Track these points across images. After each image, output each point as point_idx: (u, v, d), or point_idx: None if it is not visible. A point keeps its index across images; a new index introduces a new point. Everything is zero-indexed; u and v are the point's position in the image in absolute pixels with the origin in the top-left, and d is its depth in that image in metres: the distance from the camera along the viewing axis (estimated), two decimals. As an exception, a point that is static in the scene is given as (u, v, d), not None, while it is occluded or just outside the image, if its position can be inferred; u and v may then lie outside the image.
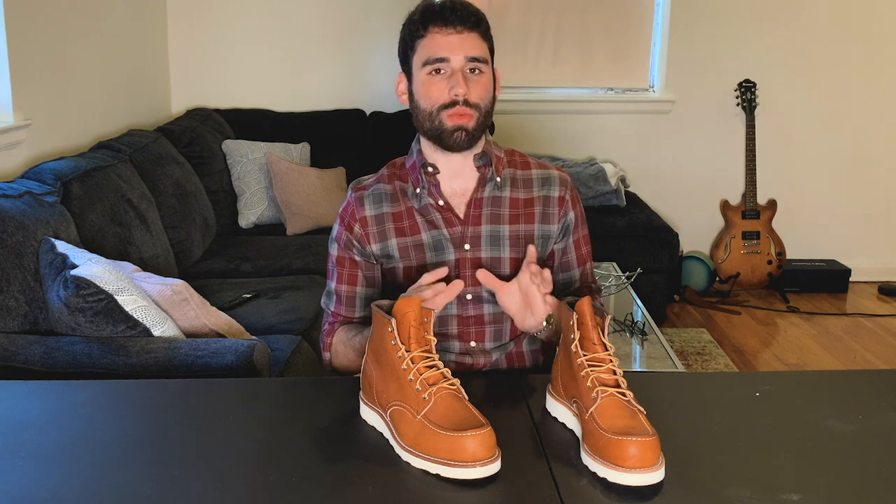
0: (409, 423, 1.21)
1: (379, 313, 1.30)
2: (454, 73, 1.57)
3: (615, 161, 4.57)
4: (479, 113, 1.59)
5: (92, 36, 3.46)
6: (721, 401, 1.42)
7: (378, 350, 1.30)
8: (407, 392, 1.23)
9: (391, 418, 1.26)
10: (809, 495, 1.12)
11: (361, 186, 1.71)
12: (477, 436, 1.15)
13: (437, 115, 1.59)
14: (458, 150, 1.62)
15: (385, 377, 1.28)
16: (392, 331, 1.26)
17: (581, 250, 1.75)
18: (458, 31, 1.56)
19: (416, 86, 1.62)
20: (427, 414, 1.20)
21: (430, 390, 1.22)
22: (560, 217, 1.70)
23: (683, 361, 3.57)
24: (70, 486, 1.14)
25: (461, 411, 1.21)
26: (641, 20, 4.56)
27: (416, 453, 1.19)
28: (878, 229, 4.73)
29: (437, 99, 1.58)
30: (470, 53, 1.57)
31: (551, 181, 1.71)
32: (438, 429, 1.17)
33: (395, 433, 1.24)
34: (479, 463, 1.14)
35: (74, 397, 1.44)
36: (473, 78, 1.58)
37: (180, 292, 2.21)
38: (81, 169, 2.73)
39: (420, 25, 1.58)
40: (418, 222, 1.66)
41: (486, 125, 1.63)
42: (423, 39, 1.58)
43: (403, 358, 1.24)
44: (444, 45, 1.56)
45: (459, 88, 1.56)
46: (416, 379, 1.23)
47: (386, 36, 4.41)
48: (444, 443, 1.16)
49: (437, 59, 1.56)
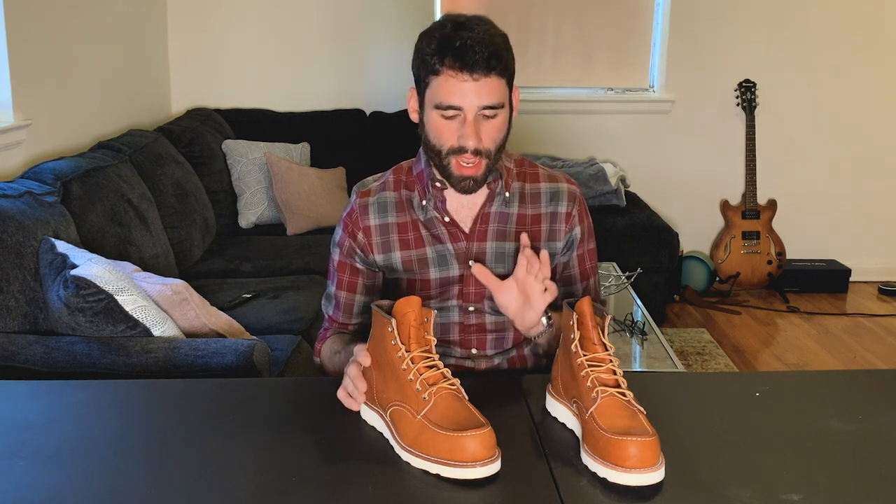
0: (409, 423, 1.21)
1: (379, 313, 1.30)
2: (467, 122, 1.49)
3: (615, 161, 4.57)
4: (488, 158, 1.53)
5: (92, 36, 3.46)
6: (721, 401, 1.42)
7: (378, 350, 1.30)
8: (407, 392, 1.23)
9: (391, 418, 1.26)
10: (809, 495, 1.12)
11: (366, 191, 1.66)
12: (477, 436, 1.15)
13: (446, 157, 1.53)
14: (466, 194, 1.58)
15: (385, 377, 1.28)
16: (392, 331, 1.26)
17: (585, 265, 1.71)
18: (475, 79, 1.46)
19: (426, 119, 1.54)
20: (427, 414, 1.20)
21: (430, 390, 1.22)
22: (566, 233, 1.67)
23: (683, 361, 3.57)
24: (70, 486, 1.14)
25: (461, 411, 1.21)
26: (641, 20, 4.56)
27: (416, 453, 1.19)
28: (878, 229, 4.72)
29: (446, 142, 1.52)
30: (485, 102, 1.48)
31: (560, 196, 1.67)
32: (438, 429, 1.17)
33: (395, 433, 1.24)
34: (479, 463, 1.14)
35: (74, 397, 1.44)
36: (486, 123, 1.50)
37: (180, 292, 2.21)
38: (81, 169, 2.73)
39: (436, 59, 1.47)
40: (423, 236, 1.63)
41: (496, 163, 1.57)
42: (436, 77, 1.48)
43: (403, 358, 1.24)
44: (457, 93, 1.47)
45: (470, 140, 1.49)
46: (416, 379, 1.23)
47: (386, 36, 4.40)
48: (444, 443, 1.16)
49: (449, 106, 1.48)
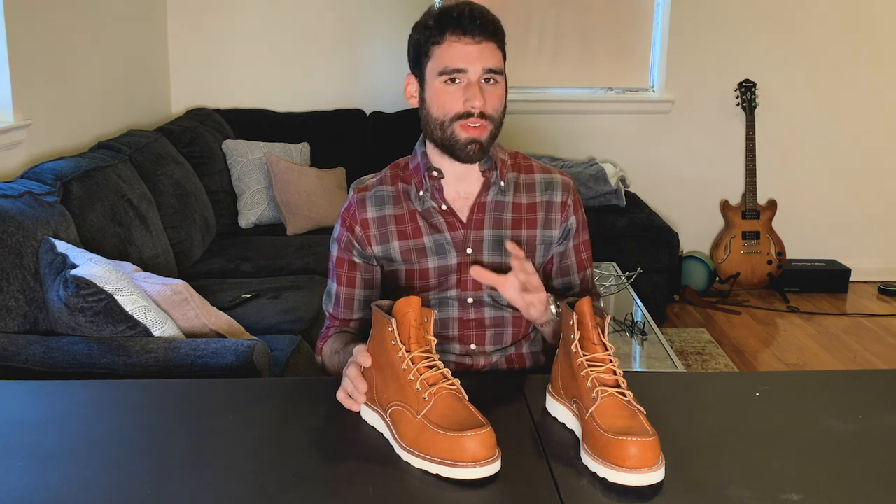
0: (409, 423, 1.21)
1: (379, 313, 1.30)
2: (471, 85, 1.53)
3: (615, 161, 4.57)
4: (492, 124, 1.56)
5: (92, 36, 3.46)
6: (721, 401, 1.42)
7: (378, 350, 1.30)
8: (407, 392, 1.23)
9: (391, 418, 1.26)
10: (809, 495, 1.12)
11: (363, 187, 1.69)
12: (477, 436, 1.15)
13: (450, 125, 1.55)
14: (470, 161, 1.59)
15: (385, 377, 1.28)
16: (392, 331, 1.26)
17: (581, 256, 1.73)
18: (477, 42, 1.52)
19: (428, 92, 1.57)
20: (427, 414, 1.20)
21: (430, 390, 1.22)
22: (562, 222, 1.69)
23: (683, 361, 3.57)
24: (70, 486, 1.14)
25: (461, 411, 1.21)
26: (641, 20, 4.56)
27: (416, 453, 1.19)
28: (878, 229, 4.72)
29: (451, 108, 1.54)
30: (488, 65, 1.53)
31: (554, 186, 1.69)
32: (438, 429, 1.17)
33: (395, 433, 1.24)
34: (480, 463, 1.14)
35: (74, 397, 1.44)
36: (489, 88, 1.54)
37: (180, 292, 2.21)
38: (81, 169, 2.73)
39: (437, 31, 1.53)
40: (420, 226, 1.65)
41: (497, 135, 1.60)
42: (439, 47, 1.53)
43: (403, 358, 1.24)
44: (462, 56, 1.52)
45: (476, 101, 1.52)
46: (416, 379, 1.23)
47: (386, 36, 4.40)
48: (444, 443, 1.16)
49: (454, 70, 1.52)
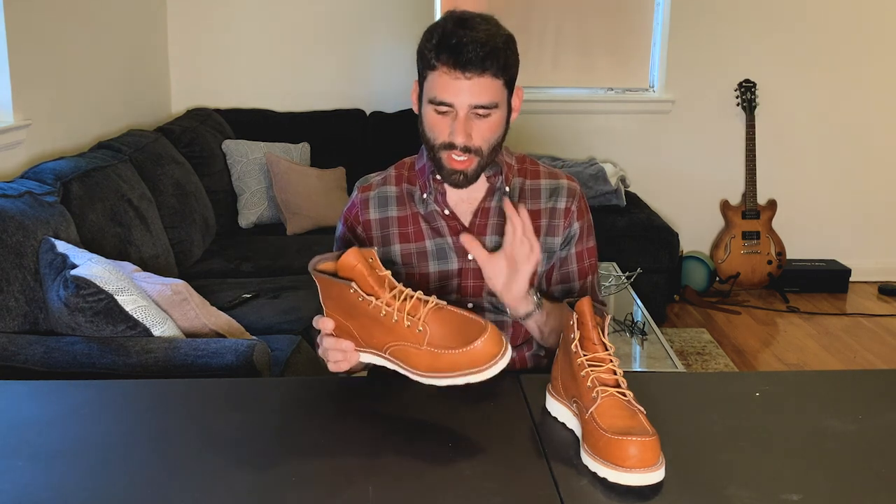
0: (416, 355, 1.22)
1: (333, 281, 1.27)
2: (458, 120, 1.50)
3: (615, 161, 4.57)
4: (479, 157, 1.54)
5: (92, 36, 3.46)
6: (721, 401, 1.42)
7: (341, 308, 1.29)
8: (399, 331, 1.23)
9: (395, 356, 1.26)
10: (809, 495, 1.12)
11: (367, 186, 1.68)
12: (486, 339, 1.19)
13: (439, 151, 1.55)
14: (457, 188, 1.59)
15: (365, 326, 1.27)
16: (355, 291, 1.25)
17: (583, 262, 1.70)
18: (468, 77, 1.47)
19: (423, 110, 1.56)
20: (429, 341, 1.21)
21: (420, 320, 1.22)
22: (564, 228, 1.67)
23: (683, 361, 3.57)
24: (70, 486, 1.14)
25: (456, 323, 1.22)
26: (641, 20, 4.56)
27: (437, 376, 1.21)
28: (878, 229, 4.73)
29: (439, 136, 1.53)
30: (476, 101, 1.49)
31: (559, 192, 1.67)
32: (448, 349, 1.20)
33: (407, 366, 1.24)
34: (497, 357, 1.19)
35: (74, 397, 1.44)
36: (478, 122, 1.52)
37: (180, 292, 2.21)
38: (81, 169, 2.73)
39: (434, 55, 1.49)
40: (423, 229, 1.64)
41: (489, 163, 1.58)
42: (432, 73, 1.50)
43: (379, 307, 1.24)
44: (449, 90, 1.49)
45: (458, 137, 1.51)
46: (402, 318, 1.23)
47: (386, 36, 4.40)
48: (459, 358, 1.19)
49: (441, 102, 1.50)
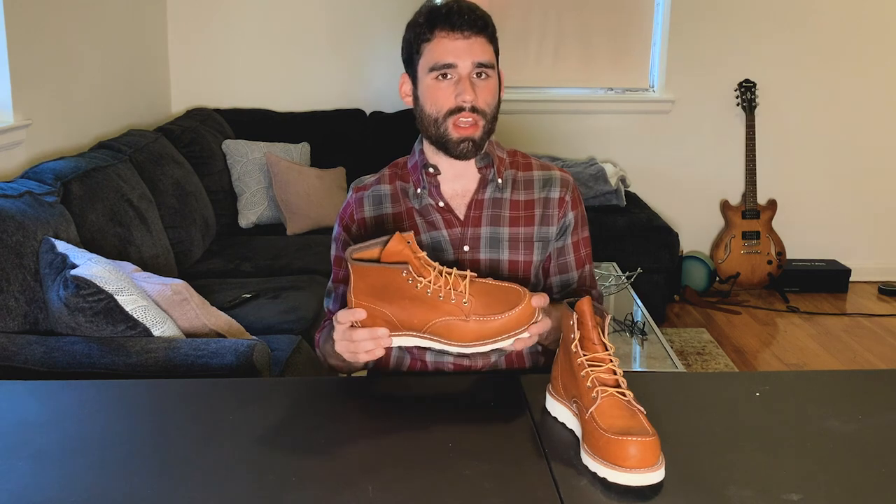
0: (462, 327, 1.30)
1: (382, 267, 1.32)
2: (461, 79, 1.54)
3: (615, 161, 4.57)
4: (485, 119, 1.57)
5: (92, 36, 3.46)
6: (721, 401, 1.42)
7: (378, 293, 1.33)
8: (446, 308, 1.30)
9: (436, 333, 1.31)
10: (809, 495, 1.12)
11: (362, 186, 1.70)
12: (527, 302, 1.29)
13: (443, 122, 1.56)
14: (465, 159, 1.60)
15: (405, 308, 1.32)
16: (408, 273, 1.31)
17: (580, 252, 1.72)
18: (466, 36, 1.53)
19: (421, 90, 1.59)
20: (475, 311, 1.30)
21: (465, 293, 1.30)
22: (559, 218, 1.68)
23: (683, 361, 3.57)
24: (70, 486, 1.14)
25: (495, 292, 1.31)
26: (641, 20, 4.56)
27: (482, 343, 1.30)
28: (878, 229, 4.73)
29: (444, 104, 1.56)
30: (477, 59, 1.54)
31: (552, 182, 1.69)
32: (493, 316, 1.29)
33: (449, 340, 1.31)
34: (536, 315, 1.30)
35: (74, 397, 1.44)
36: (480, 83, 1.55)
37: (180, 292, 2.21)
38: (81, 169, 2.73)
39: (426, 28, 1.54)
40: (418, 223, 1.65)
41: (491, 131, 1.61)
42: (429, 43, 1.55)
43: (427, 286, 1.31)
44: (451, 51, 1.53)
45: (467, 95, 1.53)
46: (448, 293, 1.30)
47: (386, 36, 4.41)
48: (505, 323, 1.29)
49: (444, 65, 1.53)
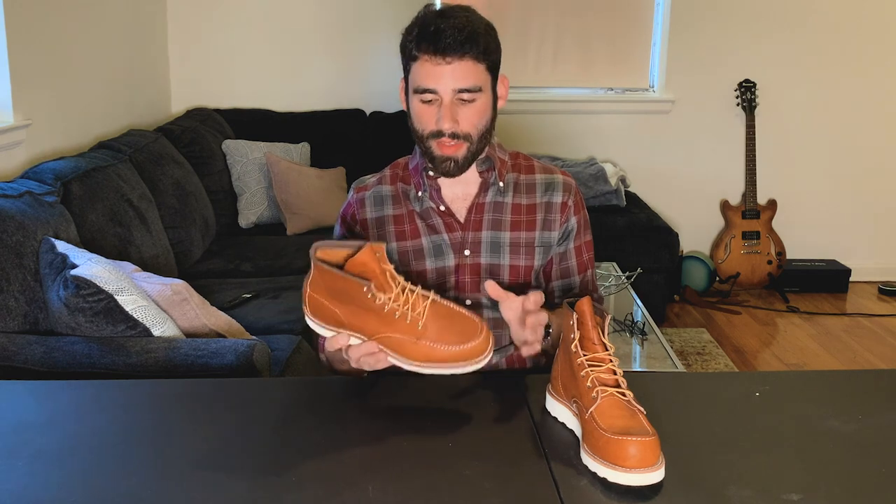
0: (413, 347, 1.27)
1: (344, 277, 1.29)
2: (443, 105, 1.52)
3: (615, 161, 4.57)
4: (469, 142, 1.55)
5: (92, 36, 3.46)
6: (721, 401, 1.42)
7: (335, 295, 1.31)
8: (399, 326, 1.27)
9: (386, 345, 1.29)
10: (809, 495, 1.12)
11: (363, 186, 1.70)
12: (482, 339, 1.27)
13: (427, 140, 1.56)
14: (449, 177, 1.59)
15: (355, 313, 1.30)
16: (368, 289, 1.27)
17: (582, 257, 1.71)
18: (448, 62, 1.49)
19: (410, 105, 1.58)
20: (427, 336, 1.27)
21: (421, 315, 1.27)
22: (561, 223, 1.67)
23: (683, 361, 3.57)
24: (70, 486, 1.14)
25: (454, 319, 1.28)
26: (641, 20, 4.56)
27: (426, 366, 1.27)
28: (878, 229, 4.72)
29: (426, 126, 1.55)
30: (459, 85, 1.51)
31: (555, 186, 1.68)
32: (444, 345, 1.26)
33: (398, 355, 1.29)
34: (484, 354, 1.27)
35: (74, 397, 1.44)
36: (464, 107, 1.53)
37: (180, 292, 2.21)
38: (81, 169, 2.73)
39: (414, 46, 1.52)
40: (419, 226, 1.65)
41: (479, 151, 1.59)
42: (415, 63, 1.52)
43: (385, 303, 1.27)
44: (432, 76, 1.50)
45: (445, 123, 1.52)
46: (404, 313, 1.27)
47: (386, 36, 4.40)
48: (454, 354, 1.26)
49: (425, 90, 1.52)
